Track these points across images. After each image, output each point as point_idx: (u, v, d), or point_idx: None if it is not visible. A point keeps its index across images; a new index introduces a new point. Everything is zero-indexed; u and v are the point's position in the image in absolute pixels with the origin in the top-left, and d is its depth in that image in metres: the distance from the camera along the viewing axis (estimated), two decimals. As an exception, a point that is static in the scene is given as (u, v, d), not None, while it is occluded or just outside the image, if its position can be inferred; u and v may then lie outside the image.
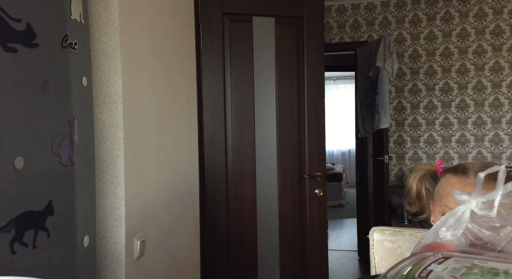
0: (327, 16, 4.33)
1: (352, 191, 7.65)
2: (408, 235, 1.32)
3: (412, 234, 1.31)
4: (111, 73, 1.54)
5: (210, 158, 2.43)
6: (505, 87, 4.04)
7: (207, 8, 2.40)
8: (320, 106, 2.57)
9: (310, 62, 2.53)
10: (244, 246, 2.52)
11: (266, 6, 2.49)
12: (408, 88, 4.25)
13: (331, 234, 5.36)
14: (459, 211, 0.72)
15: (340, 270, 4.21)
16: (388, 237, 1.34)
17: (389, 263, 1.31)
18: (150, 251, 1.77)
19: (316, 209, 2.58)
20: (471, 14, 4.08)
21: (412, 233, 1.31)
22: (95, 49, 1.54)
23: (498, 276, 0.54)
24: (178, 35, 2.13)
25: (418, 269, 0.57)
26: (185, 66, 2.21)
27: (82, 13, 1.39)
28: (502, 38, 4.03)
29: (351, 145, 9.00)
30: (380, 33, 4.24)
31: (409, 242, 1.30)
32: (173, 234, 2.00)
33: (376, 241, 1.36)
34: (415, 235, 1.30)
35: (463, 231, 0.70)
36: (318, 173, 2.57)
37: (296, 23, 2.54)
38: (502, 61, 4.03)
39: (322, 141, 2.61)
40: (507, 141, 4.06)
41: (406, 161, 4.27)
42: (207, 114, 2.42)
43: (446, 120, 4.18)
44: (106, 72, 1.54)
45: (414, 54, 4.22)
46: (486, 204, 0.69)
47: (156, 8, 1.88)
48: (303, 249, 2.60)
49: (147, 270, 1.74)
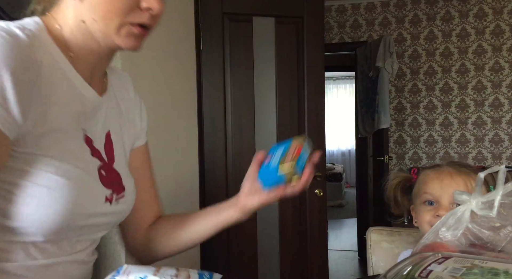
0: (327, 16, 4.33)
1: (352, 191, 7.64)
2: (405, 235, 1.32)
3: (409, 234, 1.31)
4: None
5: (210, 158, 2.43)
6: (505, 87, 4.05)
7: (207, 8, 2.40)
8: (320, 106, 2.57)
9: (310, 62, 2.53)
10: (244, 246, 2.52)
11: (266, 6, 2.49)
12: (408, 88, 4.25)
13: (331, 234, 5.37)
14: (459, 211, 0.72)
15: (340, 270, 4.21)
16: (385, 237, 1.34)
17: (386, 264, 1.31)
18: (150, 251, 1.77)
19: (316, 209, 2.58)
20: (471, 14, 4.08)
21: (409, 233, 1.31)
22: (95, 49, 1.54)
23: (498, 276, 0.54)
24: (178, 35, 2.13)
25: (418, 269, 0.57)
26: (185, 66, 2.21)
27: (82, 13, 1.39)
28: (502, 38, 4.03)
29: (351, 145, 9.00)
30: (380, 33, 4.24)
31: (406, 242, 1.30)
32: (173, 234, 2.00)
33: (373, 241, 1.36)
34: (412, 235, 1.30)
35: (463, 231, 0.70)
36: (318, 173, 2.57)
37: (296, 23, 2.54)
38: (502, 61, 4.03)
39: (322, 141, 2.61)
40: (507, 141, 4.06)
41: (406, 161, 4.28)
42: (207, 114, 2.42)
43: (446, 120, 4.18)
44: (106, 72, 1.54)
45: (414, 54, 4.22)
46: (486, 204, 0.70)
47: (156, 8, 1.88)
48: (303, 249, 2.60)
49: (147, 270, 1.74)
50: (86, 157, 0.72)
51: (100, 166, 0.74)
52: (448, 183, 1.02)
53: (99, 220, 0.74)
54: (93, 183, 0.72)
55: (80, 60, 0.72)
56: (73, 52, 0.71)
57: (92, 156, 0.73)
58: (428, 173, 1.09)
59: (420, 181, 1.10)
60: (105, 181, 0.74)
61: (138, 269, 0.61)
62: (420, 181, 1.10)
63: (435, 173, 1.07)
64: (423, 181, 1.09)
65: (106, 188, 0.74)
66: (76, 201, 0.67)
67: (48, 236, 0.67)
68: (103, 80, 0.81)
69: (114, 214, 0.78)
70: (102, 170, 0.74)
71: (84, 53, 0.72)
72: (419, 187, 1.10)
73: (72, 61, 0.71)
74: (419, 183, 1.10)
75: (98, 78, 0.78)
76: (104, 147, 0.77)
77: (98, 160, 0.74)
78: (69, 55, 0.71)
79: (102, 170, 0.74)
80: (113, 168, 0.78)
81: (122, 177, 0.80)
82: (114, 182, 0.77)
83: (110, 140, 0.80)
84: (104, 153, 0.77)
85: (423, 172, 1.12)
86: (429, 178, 1.07)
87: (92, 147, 0.74)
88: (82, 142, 0.71)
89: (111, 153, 0.79)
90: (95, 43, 0.71)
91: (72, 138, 0.69)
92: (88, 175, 0.70)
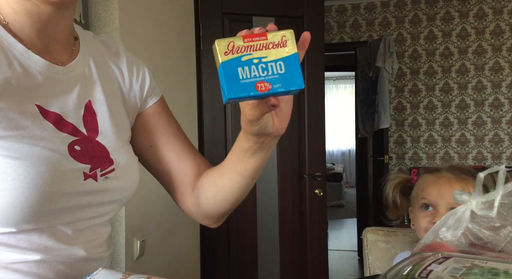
0: (327, 16, 4.33)
1: (352, 191, 7.64)
2: (402, 235, 1.32)
3: (405, 234, 1.31)
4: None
5: (210, 158, 2.42)
6: (505, 87, 4.04)
7: (207, 8, 2.40)
8: (320, 106, 2.58)
9: (310, 62, 2.53)
10: (244, 246, 2.52)
11: (266, 6, 2.50)
12: (408, 88, 4.25)
13: (331, 234, 5.36)
14: (459, 211, 0.72)
15: (340, 270, 4.21)
16: (382, 238, 1.34)
17: (383, 264, 1.31)
18: (150, 251, 1.77)
19: (316, 209, 2.58)
20: (471, 14, 4.08)
21: (405, 233, 1.31)
22: (95, 49, 1.54)
23: (498, 276, 0.54)
24: (178, 35, 2.13)
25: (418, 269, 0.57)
26: (185, 66, 2.22)
27: (82, 13, 1.39)
28: (502, 38, 4.03)
29: (351, 145, 9.00)
30: (380, 33, 4.24)
31: (402, 242, 1.31)
32: (173, 234, 2.00)
33: (369, 242, 1.36)
34: (408, 235, 1.30)
35: (463, 231, 0.70)
36: (318, 173, 2.57)
37: (296, 23, 2.54)
38: (502, 61, 4.03)
39: (322, 141, 2.61)
40: (507, 141, 4.06)
41: (406, 161, 4.28)
42: (207, 114, 2.42)
43: (446, 120, 4.18)
44: (106, 72, 1.54)
45: (414, 54, 4.22)
46: (486, 204, 0.70)
47: (156, 8, 1.88)
48: (303, 249, 2.60)
49: (147, 270, 1.74)
50: (45, 134, 0.63)
51: (74, 141, 0.67)
52: (446, 189, 1.02)
53: (85, 199, 0.67)
54: (60, 159, 0.64)
55: (18, 26, 0.64)
56: (6, 18, 0.64)
57: (60, 131, 0.66)
58: (427, 178, 1.09)
59: (419, 185, 1.10)
60: (80, 156, 0.66)
61: (104, 275, 0.59)
62: (419, 185, 1.10)
63: (434, 178, 1.07)
64: (421, 185, 1.09)
65: (82, 163, 0.66)
66: (38, 182, 0.60)
67: (22, 225, 0.61)
68: (72, 47, 0.73)
69: (105, 191, 0.70)
70: (76, 145, 0.67)
71: (21, 18, 0.64)
72: (417, 192, 1.09)
73: (8, 29, 0.64)
74: (418, 187, 1.10)
75: (60, 45, 0.70)
76: (83, 119, 0.70)
77: (70, 135, 0.67)
78: (3, 23, 0.64)
79: (76, 145, 0.67)
80: (96, 141, 0.71)
81: (109, 150, 0.72)
82: (95, 156, 0.69)
83: (92, 111, 0.72)
84: (82, 126, 0.69)
85: (422, 176, 1.12)
86: (427, 183, 1.07)
87: (58, 121, 0.66)
88: (37, 118, 0.64)
89: (94, 124, 0.71)
90: (28, 2, 0.63)
91: (20, 115, 0.61)
92: (51, 152, 0.62)
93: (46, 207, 0.62)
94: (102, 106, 0.74)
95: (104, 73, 0.77)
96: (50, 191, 0.61)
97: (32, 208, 0.60)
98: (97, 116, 0.72)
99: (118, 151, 0.74)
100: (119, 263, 1.56)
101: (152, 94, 0.86)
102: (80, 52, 0.74)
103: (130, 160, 0.76)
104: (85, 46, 0.76)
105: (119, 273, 0.60)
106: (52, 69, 0.67)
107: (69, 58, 0.71)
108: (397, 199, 1.14)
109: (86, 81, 0.73)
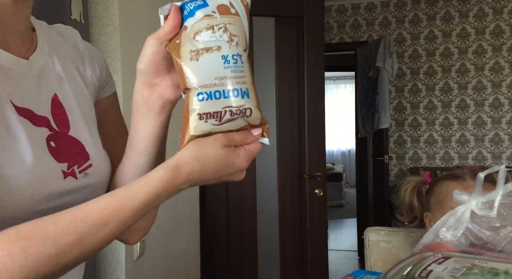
0: (327, 16, 4.33)
1: (352, 191, 7.64)
2: (403, 235, 1.32)
3: (407, 235, 1.31)
4: (111, 73, 1.54)
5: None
6: (505, 87, 4.04)
7: (207, 8, 2.40)
8: (320, 106, 2.58)
9: (310, 62, 2.53)
10: (244, 246, 2.52)
11: (266, 6, 2.49)
12: (408, 88, 4.25)
13: (331, 234, 5.36)
14: (459, 211, 0.72)
15: (340, 270, 4.21)
16: (383, 238, 1.34)
17: (384, 264, 1.31)
18: (150, 251, 1.77)
19: (316, 209, 2.58)
20: (471, 14, 4.08)
21: (407, 233, 1.31)
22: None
23: (498, 276, 0.54)
24: (178, 35, 2.13)
25: (418, 269, 0.57)
26: (185, 66, 2.21)
27: (82, 13, 1.39)
28: (502, 38, 4.03)
29: (351, 145, 9.00)
30: (380, 33, 4.24)
31: (404, 242, 1.31)
32: (173, 234, 2.00)
33: (371, 242, 1.36)
34: (410, 235, 1.30)
35: (463, 231, 0.70)
36: (318, 173, 2.57)
37: (296, 23, 2.54)
38: (502, 61, 4.03)
39: (322, 141, 2.61)
40: (507, 141, 4.06)
41: (406, 161, 4.28)
42: (207, 114, 2.42)
43: (446, 120, 4.18)
44: (106, 72, 1.54)
45: (414, 54, 4.22)
46: (486, 204, 0.70)
47: (156, 8, 1.88)
48: (303, 249, 2.60)
49: (147, 270, 1.74)
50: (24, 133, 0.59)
51: (49, 136, 0.63)
52: None
53: (66, 199, 0.63)
54: (41, 158, 0.60)
55: None
56: None
57: (36, 126, 0.62)
58: (452, 186, 1.06)
59: (444, 192, 1.08)
60: (56, 153, 0.62)
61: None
62: (444, 192, 1.08)
63: (461, 187, 1.04)
64: (447, 193, 1.05)
65: (60, 162, 0.63)
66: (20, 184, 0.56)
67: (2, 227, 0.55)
68: (30, 39, 0.69)
69: (85, 188, 0.66)
70: (52, 141, 0.63)
71: None
72: (442, 198, 1.07)
73: None
74: (442, 194, 1.08)
75: (19, 39, 0.66)
76: (52, 114, 0.65)
77: (47, 129, 0.63)
78: None
79: (51, 141, 0.62)
80: (69, 136, 0.66)
81: (84, 144, 0.68)
82: (71, 152, 0.65)
83: (59, 104, 0.68)
84: (52, 121, 0.65)
85: (444, 182, 1.10)
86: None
87: (32, 116, 0.62)
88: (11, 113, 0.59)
89: (64, 119, 0.67)
90: None
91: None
92: (31, 151, 0.59)
93: (28, 210, 0.58)
94: (70, 99, 0.70)
95: (66, 65, 0.73)
96: (32, 192, 0.58)
97: (13, 210, 0.56)
98: (65, 109, 0.68)
99: (93, 144, 0.70)
100: (119, 263, 1.56)
101: (106, 88, 0.82)
102: (39, 43, 0.70)
103: (104, 154, 0.73)
104: (42, 37, 0.72)
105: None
106: (18, 63, 0.63)
107: (28, 50, 0.67)
108: (414, 202, 1.13)
109: (50, 74, 0.69)
